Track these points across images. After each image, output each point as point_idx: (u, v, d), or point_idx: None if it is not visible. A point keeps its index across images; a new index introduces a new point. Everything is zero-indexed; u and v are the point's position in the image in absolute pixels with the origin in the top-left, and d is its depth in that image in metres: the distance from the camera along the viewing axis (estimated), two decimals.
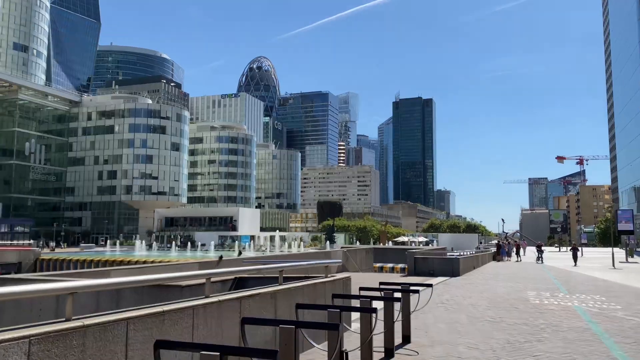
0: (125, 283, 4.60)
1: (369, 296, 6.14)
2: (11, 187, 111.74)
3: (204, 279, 5.23)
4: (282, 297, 6.45)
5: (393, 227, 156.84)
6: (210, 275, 5.24)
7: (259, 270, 6.38)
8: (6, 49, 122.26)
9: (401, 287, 7.69)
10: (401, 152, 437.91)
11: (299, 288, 6.98)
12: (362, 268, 26.86)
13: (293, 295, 6.74)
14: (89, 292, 8.09)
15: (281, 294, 6.45)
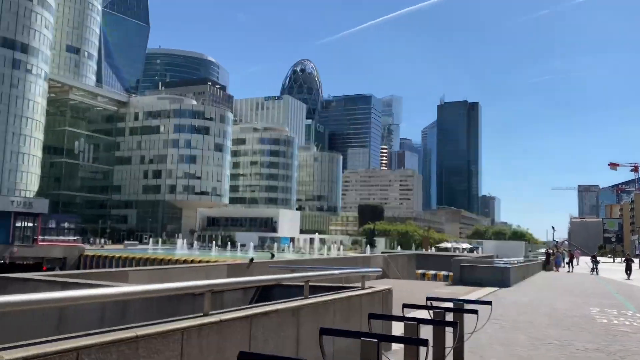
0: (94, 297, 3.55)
1: (416, 319, 4.89)
2: (61, 184, 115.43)
3: (204, 290, 4.12)
4: (307, 315, 5.27)
5: (436, 233, 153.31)
6: (212, 287, 4.14)
7: (279, 281, 5.22)
8: (59, 51, 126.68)
9: (454, 304, 6.38)
10: (445, 156, 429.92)
11: (328, 303, 5.78)
12: (404, 275, 25.46)
13: (320, 312, 5.55)
14: None
15: (305, 310, 5.27)
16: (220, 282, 4.35)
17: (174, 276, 10.99)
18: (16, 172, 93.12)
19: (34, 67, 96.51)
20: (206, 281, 4.13)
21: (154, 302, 6.70)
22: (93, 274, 9.10)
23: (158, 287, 3.81)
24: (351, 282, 14.70)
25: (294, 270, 8.37)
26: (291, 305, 5.06)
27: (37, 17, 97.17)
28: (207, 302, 4.11)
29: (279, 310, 4.79)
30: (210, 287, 4.13)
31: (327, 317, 5.69)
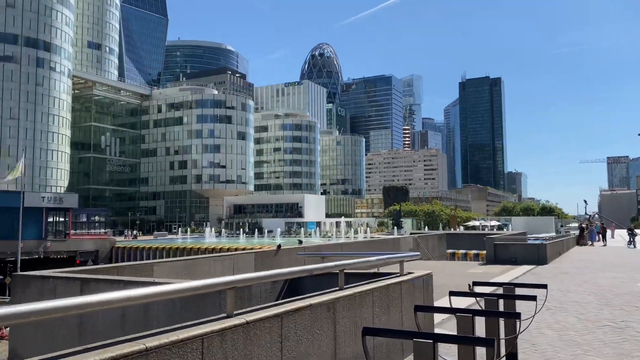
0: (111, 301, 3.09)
1: (469, 310, 4.30)
2: (90, 179, 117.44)
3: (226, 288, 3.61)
4: (343, 309, 4.73)
5: (462, 212, 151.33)
6: (234, 284, 3.62)
7: (310, 272, 4.68)
8: (81, 48, 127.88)
9: (504, 289, 5.74)
10: (469, 134, 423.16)
11: (365, 294, 5.20)
12: (434, 255, 24.80)
13: (358, 305, 4.98)
14: None
15: (342, 304, 4.72)
16: (244, 278, 3.83)
17: (200, 267, 10.61)
18: (46, 169, 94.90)
19: (57, 65, 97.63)
20: (228, 278, 3.61)
21: (177, 301, 6.26)
22: (114, 268, 8.73)
23: (175, 288, 3.32)
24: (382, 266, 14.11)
25: (324, 258, 7.85)
26: (326, 298, 4.52)
27: (58, 14, 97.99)
28: (230, 302, 3.60)
29: (312, 305, 4.25)
30: (233, 284, 3.62)
31: (366, 309, 5.14)
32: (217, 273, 11.10)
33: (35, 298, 7.37)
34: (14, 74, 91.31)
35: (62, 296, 7.46)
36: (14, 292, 7.68)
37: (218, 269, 11.16)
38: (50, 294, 7.24)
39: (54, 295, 7.22)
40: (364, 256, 6.67)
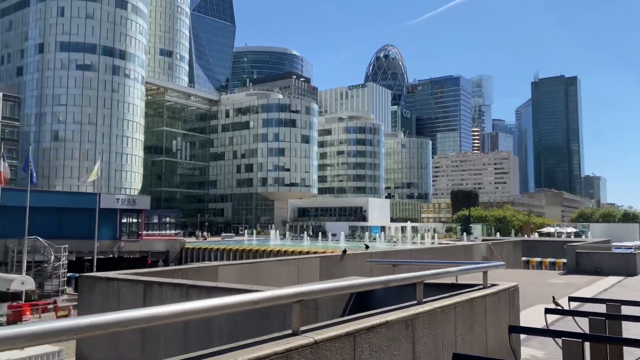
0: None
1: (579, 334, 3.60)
2: (162, 182, 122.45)
3: (292, 301, 3.14)
4: (423, 326, 4.12)
5: (536, 217, 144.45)
6: (301, 296, 3.14)
7: (385, 283, 4.12)
8: (154, 55, 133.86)
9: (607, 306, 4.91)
10: (542, 136, 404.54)
11: (448, 309, 4.57)
12: (509, 263, 23.41)
13: (439, 321, 4.36)
14: (176, 295, 6.54)
15: (422, 320, 4.11)
16: (312, 290, 3.33)
17: (265, 271, 10.31)
18: (121, 172, 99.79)
19: (131, 72, 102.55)
20: (295, 289, 3.13)
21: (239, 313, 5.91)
22: (179, 271, 8.55)
23: (235, 301, 2.89)
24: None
25: (396, 266, 7.26)
26: (404, 314, 3.95)
27: (132, 24, 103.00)
28: (296, 317, 3.13)
29: (389, 322, 3.70)
30: (300, 297, 3.14)
31: (447, 327, 4.52)
32: (281, 277, 10.75)
33: (100, 300, 7.29)
34: (92, 81, 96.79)
35: (126, 298, 7.37)
36: (80, 293, 7.66)
37: (282, 273, 10.81)
38: (114, 295, 7.13)
39: (118, 297, 7.10)
40: (442, 265, 6.02)
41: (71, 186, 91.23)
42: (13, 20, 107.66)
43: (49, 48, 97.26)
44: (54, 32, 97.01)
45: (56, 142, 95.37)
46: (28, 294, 39.39)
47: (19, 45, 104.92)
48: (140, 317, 2.58)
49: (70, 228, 51.74)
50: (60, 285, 45.27)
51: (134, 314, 2.60)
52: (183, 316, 2.76)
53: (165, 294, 6.58)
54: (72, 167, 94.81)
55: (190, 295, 6.37)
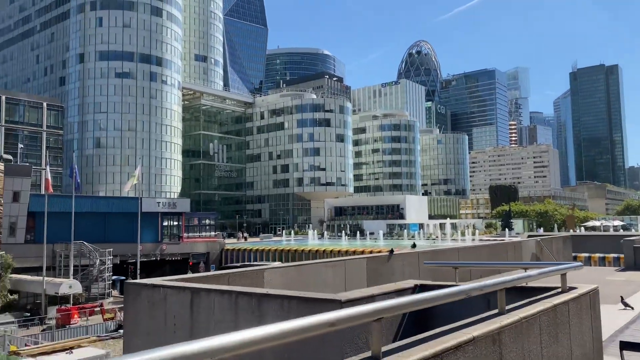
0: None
1: None
2: (201, 185, 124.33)
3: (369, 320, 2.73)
4: (510, 340, 3.62)
5: (579, 211, 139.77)
6: (382, 313, 2.71)
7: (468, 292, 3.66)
8: (189, 61, 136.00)
9: None
10: (582, 127, 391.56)
11: (532, 319, 4.08)
12: (559, 260, 22.41)
13: (524, 333, 3.87)
14: (224, 302, 6.25)
15: (508, 334, 3.62)
16: (393, 305, 2.89)
17: (311, 273, 9.97)
18: (161, 176, 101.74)
19: (168, 78, 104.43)
20: (374, 306, 2.71)
21: (292, 310, 5.56)
22: (225, 276, 8.29)
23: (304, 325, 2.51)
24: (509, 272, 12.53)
25: (457, 268, 6.77)
26: (490, 328, 3.47)
27: (168, 31, 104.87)
28: (376, 338, 2.71)
29: (476, 338, 3.25)
30: (380, 314, 2.74)
31: (533, 339, 4.04)
32: (328, 280, 10.39)
33: (146, 307, 7.09)
34: (131, 88, 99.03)
35: (173, 306, 7.15)
36: (126, 300, 7.47)
37: (329, 276, 10.45)
38: (161, 303, 6.91)
39: (165, 305, 6.88)
40: (510, 267, 5.51)
41: (114, 191, 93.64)
42: (55, 32, 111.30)
43: (89, 57, 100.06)
44: (93, 42, 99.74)
45: (98, 148, 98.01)
46: (75, 297, 40.42)
47: (61, 56, 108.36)
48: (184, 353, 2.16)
49: (114, 232, 52.93)
50: (106, 288, 46.31)
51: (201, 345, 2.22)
52: (251, 346, 2.34)
53: (213, 302, 6.31)
54: (114, 172, 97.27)
55: (240, 302, 6.07)
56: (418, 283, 6.32)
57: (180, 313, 6.65)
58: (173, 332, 6.66)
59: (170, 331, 6.72)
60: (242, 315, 6.04)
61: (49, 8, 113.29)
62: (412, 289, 6.24)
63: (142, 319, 7.14)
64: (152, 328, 6.99)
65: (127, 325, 7.38)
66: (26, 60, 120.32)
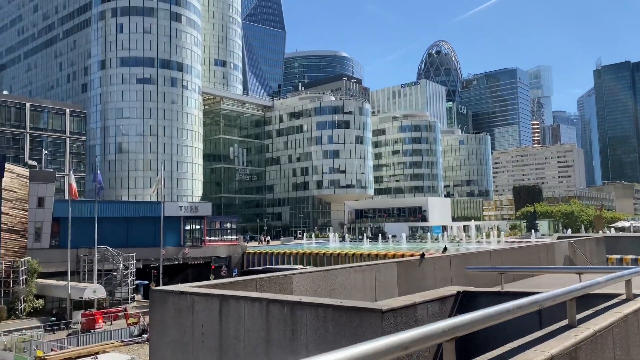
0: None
1: None
2: (221, 188, 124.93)
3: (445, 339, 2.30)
4: (585, 357, 3.21)
5: (606, 211, 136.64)
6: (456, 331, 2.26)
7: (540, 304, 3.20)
8: (209, 66, 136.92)
9: None
10: (608, 125, 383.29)
11: (605, 331, 3.62)
12: (593, 262, 21.62)
13: (598, 348, 3.43)
14: (255, 311, 5.89)
15: (584, 350, 3.20)
16: (469, 321, 2.47)
17: (340, 278, 9.57)
18: (182, 180, 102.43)
19: (189, 83, 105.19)
20: (447, 322, 2.28)
21: (328, 319, 5.17)
22: (252, 281, 7.94)
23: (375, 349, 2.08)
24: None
25: (503, 273, 6.31)
26: (565, 345, 3.04)
27: (187, 36, 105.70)
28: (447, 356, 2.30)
29: (554, 357, 2.83)
30: (454, 332, 2.32)
31: (607, 354, 3.59)
32: (357, 285, 9.98)
33: (173, 315, 6.78)
34: (152, 94, 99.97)
35: (201, 314, 6.82)
36: (152, 309, 7.17)
37: (358, 281, 10.03)
38: (188, 311, 6.59)
39: (192, 313, 6.55)
40: (560, 271, 5.04)
41: (136, 196, 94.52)
42: (77, 39, 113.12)
43: (110, 64, 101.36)
44: (114, 48, 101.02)
45: (120, 154, 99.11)
46: (99, 302, 40.68)
47: (83, 63, 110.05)
48: None
49: (136, 236, 53.24)
50: (129, 292, 46.54)
51: None
52: None
53: (244, 310, 5.95)
54: (136, 177, 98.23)
55: (272, 310, 5.71)
56: (460, 289, 5.88)
57: (208, 321, 6.32)
58: (201, 342, 6.33)
59: (198, 340, 6.40)
60: (274, 324, 5.67)
61: (71, 16, 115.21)
62: (454, 296, 5.80)
63: (168, 327, 6.84)
64: (179, 337, 6.67)
65: (154, 333, 7.09)
66: (50, 67, 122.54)
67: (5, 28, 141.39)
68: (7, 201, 41.53)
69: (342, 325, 5.05)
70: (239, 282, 7.95)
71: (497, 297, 5.63)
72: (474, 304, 5.80)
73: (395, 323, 4.90)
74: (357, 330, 4.90)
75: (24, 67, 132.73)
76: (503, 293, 5.54)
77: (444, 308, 5.60)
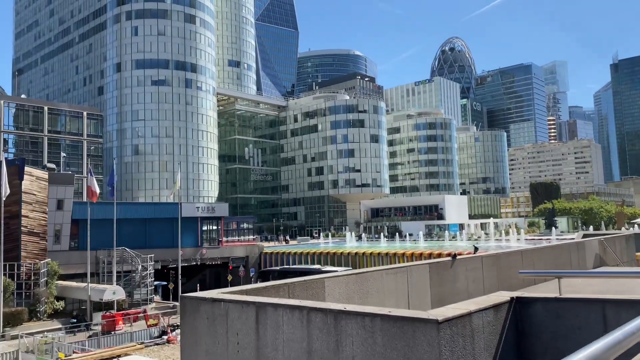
0: None
1: None
2: (237, 189, 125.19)
3: None
4: None
5: (626, 207, 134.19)
6: None
7: None
8: (223, 67, 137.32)
9: None
10: (625, 120, 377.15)
11: None
12: (623, 261, 20.97)
13: None
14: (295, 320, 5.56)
15: None
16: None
17: (373, 281, 9.22)
18: (198, 181, 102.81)
19: (203, 84, 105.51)
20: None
21: (376, 329, 4.83)
22: (285, 286, 7.63)
23: None
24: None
25: (560, 278, 5.91)
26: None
27: (201, 37, 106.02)
28: None
29: None
30: None
31: None
32: (390, 289, 9.63)
33: (206, 324, 6.49)
34: (167, 96, 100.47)
35: (236, 322, 6.50)
36: (182, 318, 6.89)
37: (391, 284, 9.67)
38: (222, 319, 6.30)
39: (226, 321, 6.26)
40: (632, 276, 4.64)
41: (153, 197, 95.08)
42: (93, 43, 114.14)
43: (125, 66, 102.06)
44: (130, 51, 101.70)
45: (137, 155, 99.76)
46: (119, 303, 40.79)
47: (99, 66, 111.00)
48: None
49: (154, 238, 53.40)
50: (148, 293, 46.65)
51: None
52: None
53: (282, 319, 5.63)
54: (152, 179, 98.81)
55: (313, 320, 5.38)
56: (513, 295, 5.50)
57: (244, 330, 6.01)
58: (236, 352, 6.03)
59: (233, 350, 6.09)
60: (316, 334, 5.34)
61: (87, 20, 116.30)
62: (508, 302, 5.42)
63: (201, 337, 6.54)
64: (213, 346, 6.37)
65: (185, 343, 6.80)
66: (66, 71, 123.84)
67: (23, 33, 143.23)
68: (27, 204, 41.84)
69: (392, 336, 4.71)
70: (270, 287, 7.64)
71: (557, 303, 5.23)
72: (530, 311, 5.41)
73: (452, 334, 4.54)
74: (410, 342, 4.56)
75: (41, 71, 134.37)
76: (562, 299, 5.15)
77: (498, 316, 5.22)
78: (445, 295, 10.83)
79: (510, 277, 12.74)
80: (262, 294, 7.25)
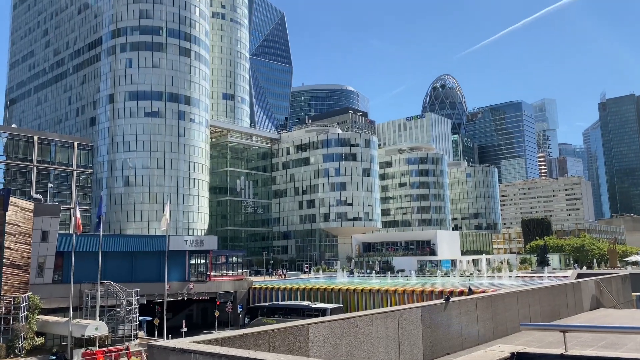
0: None
1: None
2: (227, 221, 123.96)
3: None
4: None
5: (618, 245, 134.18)
6: None
7: None
8: (216, 99, 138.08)
9: None
10: (615, 158, 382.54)
11: None
12: (620, 301, 20.42)
13: None
14: None
15: None
16: None
17: (361, 327, 8.64)
18: (188, 213, 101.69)
19: (196, 116, 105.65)
20: None
21: None
22: (264, 333, 7.04)
23: None
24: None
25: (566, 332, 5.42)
26: None
27: (196, 70, 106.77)
28: None
29: None
30: None
31: None
32: (381, 333, 9.04)
33: None
34: (160, 127, 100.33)
35: None
36: None
37: (381, 329, 9.08)
38: None
39: None
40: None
41: (142, 229, 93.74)
42: (86, 74, 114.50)
43: (118, 98, 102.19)
44: (123, 83, 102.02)
45: (127, 187, 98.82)
46: (102, 339, 39.40)
47: (92, 97, 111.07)
48: None
49: (141, 271, 52.21)
50: (132, 329, 45.19)
51: None
52: None
53: None
54: (142, 210, 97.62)
55: None
56: (514, 351, 4.99)
57: None
58: None
59: None
60: None
61: (82, 51, 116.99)
62: (509, 358, 4.90)
63: None
64: None
65: None
66: (59, 102, 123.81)
67: (17, 63, 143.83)
68: (10, 235, 40.79)
69: None
70: (249, 335, 7.05)
71: None
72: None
73: None
74: None
75: (34, 101, 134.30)
76: (568, 357, 4.65)
77: None
78: (438, 340, 10.24)
79: (506, 320, 12.18)
80: (240, 342, 6.67)
